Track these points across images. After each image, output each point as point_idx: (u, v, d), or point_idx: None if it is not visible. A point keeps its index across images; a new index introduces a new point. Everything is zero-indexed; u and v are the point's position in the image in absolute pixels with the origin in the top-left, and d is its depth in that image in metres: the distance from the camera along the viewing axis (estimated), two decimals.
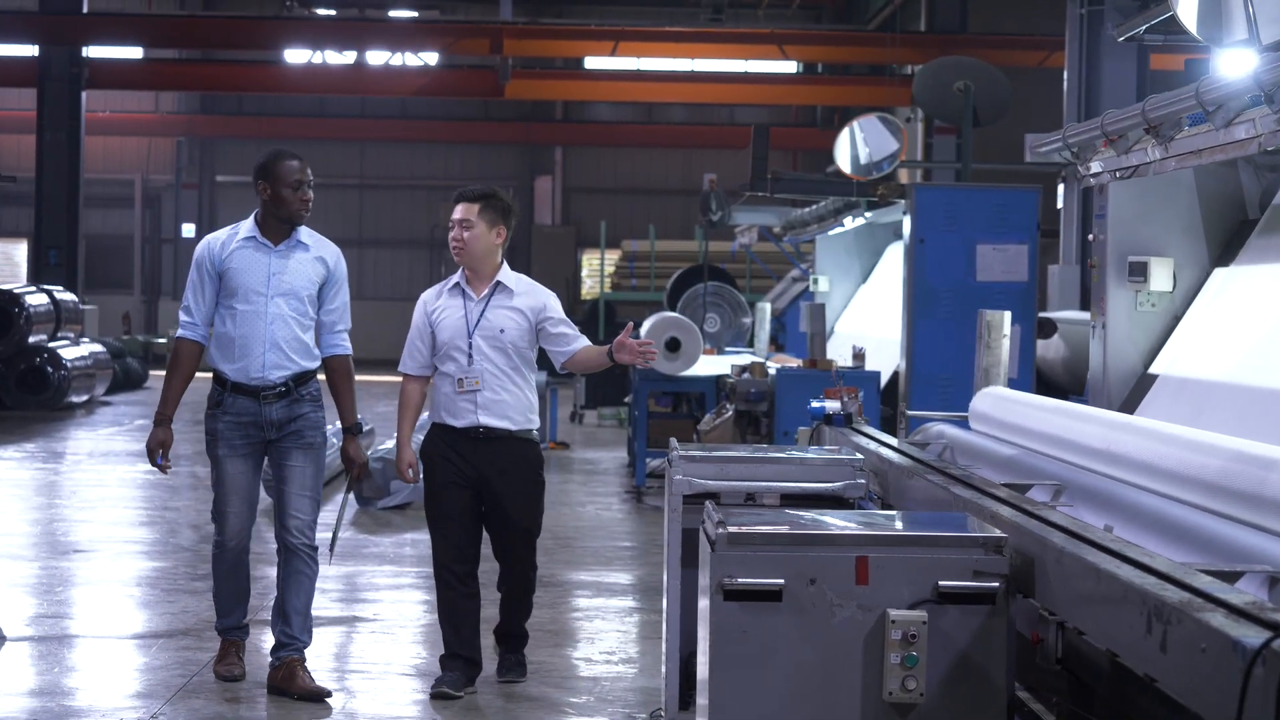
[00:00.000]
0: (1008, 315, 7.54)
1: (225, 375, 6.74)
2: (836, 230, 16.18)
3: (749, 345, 17.58)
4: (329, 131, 34.65)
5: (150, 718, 6.36)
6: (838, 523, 4.39)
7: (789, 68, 31.61)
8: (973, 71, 13.32)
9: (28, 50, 26.93)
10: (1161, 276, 6.85)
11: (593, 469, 15.66)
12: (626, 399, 16.80)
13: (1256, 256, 6.50)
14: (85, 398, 21.97)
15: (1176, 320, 6.91)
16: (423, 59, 31.92)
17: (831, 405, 7.28)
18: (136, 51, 29.84)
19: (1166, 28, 12.58)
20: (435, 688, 6.75)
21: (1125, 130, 6.34)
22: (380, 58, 31.52)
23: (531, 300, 6.93)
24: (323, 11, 34.06)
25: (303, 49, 30.78)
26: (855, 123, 14.94)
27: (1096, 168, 6.80)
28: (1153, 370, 6.86)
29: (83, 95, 26.36)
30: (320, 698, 6.62)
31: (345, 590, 9.14)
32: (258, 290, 6.71)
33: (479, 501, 6.86)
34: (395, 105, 35.43)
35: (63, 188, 25.87)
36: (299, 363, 6.74)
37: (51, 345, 21.34)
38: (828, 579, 4.11)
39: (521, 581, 6.98)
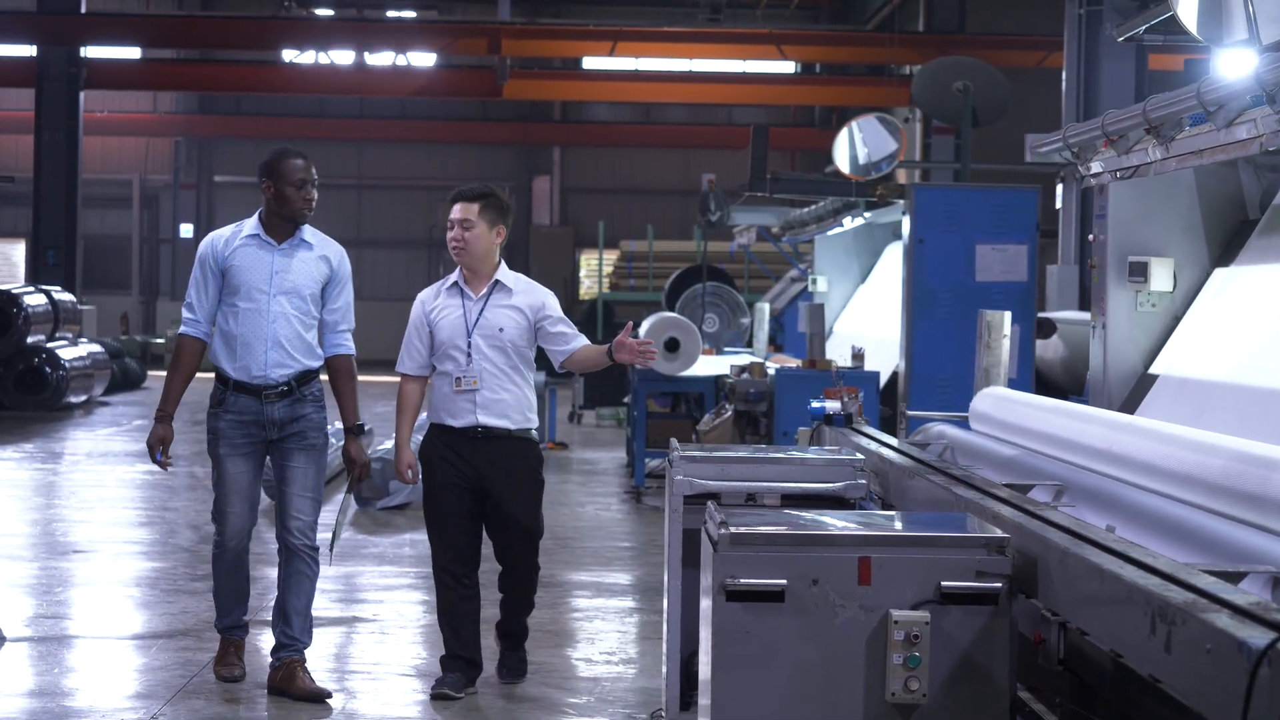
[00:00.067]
0: (1008, 315, 7.53)
1: (227, 374, 6.73)
2: (835, 230, 16.17)
3: (748, 345, 17.57)
4: (327, 132, 34.63)
5: (150, 718, 6.36)
6: (840, 523, 4.38)
7: (787, 68, 31.62)
8: (972, 72, 13.32)
9: (26, 50, 26.93)
10: (1162, 277, 6.84)
11: (591, 469, 15.66)
12: (625, 399, 16.80)
13: (1257, 257, 6.50)
14: (83, 398, 21.95)
15: (1177, 320, 6.90)
16: (421, 59, 31.90)
17: (832, 405, 7.26)
18: (134, 52, 29.85)
19: (1166, 28, 12.57)
20: (435, 689, 6.75)
21: (1126, 130, 6.33)
22: (379, 58, 31.49)
23: (530, 299, 6.92)
24: (321, 12, 34.04)
25: (301, 49, 30.78)
26: (854, 123, 14.94)
27: (1097, 168, 6.79)
28: (1153, 370, 6.85)
29: (81, 95, 26.37)
30: (320, 698, 6.61)
31: (344, 591, 9.14)
32: (260, 288, 6.70)
33: (478, 502, 6.84)
34: (393, 105, 35.43)
35: (61, 188, 25.87)
36: (301, 361, 6.73)
37: (50, 345, 21.33)
38: (830, 579, 4.10)
39: (524, 582, 6.97)
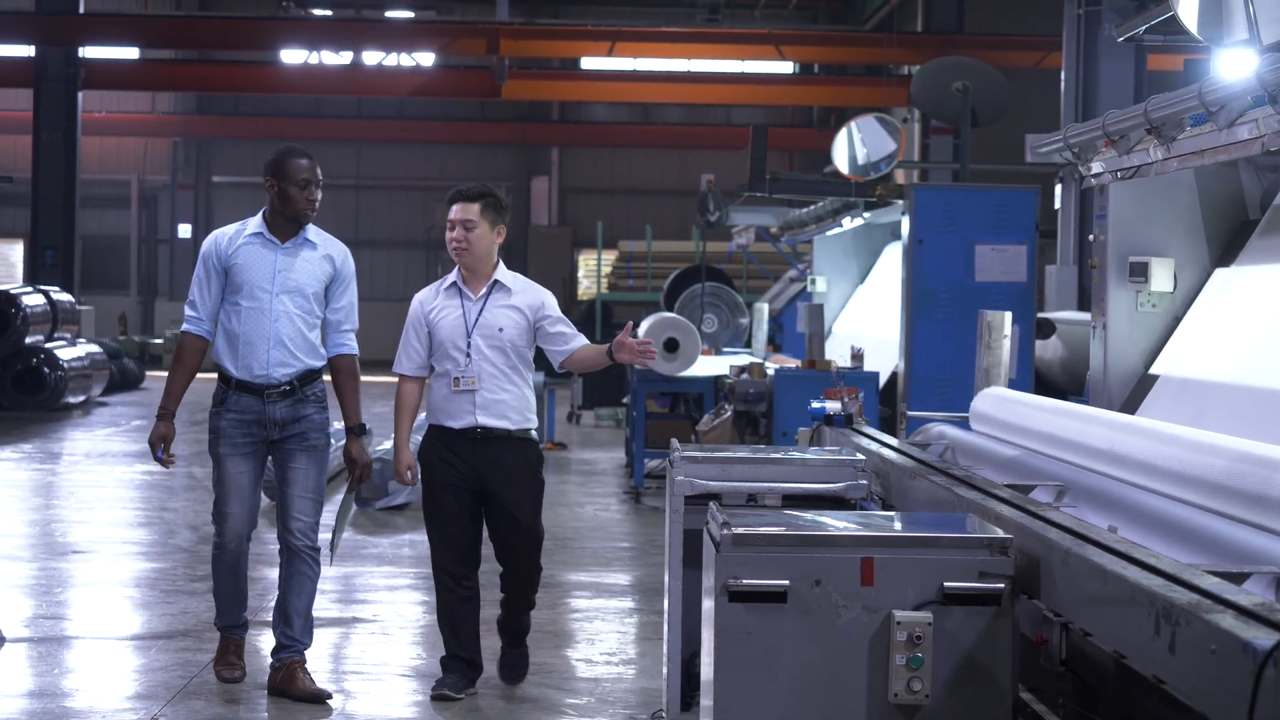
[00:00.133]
0: (1008, 315, 7.53)
1: (230, 373, 6.71)
2: (834, 231, 16.17)
3: (746, 346, 17.57)
4: (325, 132, 34.62)
5: (150, 719, 6.35)
6: (843, 524, 4.38)
7: (785, 68, 31.62)
8: (971, 72, 13.31)
9: (24, 50, 26.92)
10: (1162, 277, 6.84)
11: (590, 469, 15.65)
12: (624, 399, 16.79)
13: (1257, 257, 6.50)
14: (82, 398, 21.95)
15: (1177, 321, 6.90)
16: (419, 59, 31.89)
17: (832, 406, 7.26)
18: (132, 52, 29.85)
19: (1166, 28, 12.57)
20: (435, 689, 6.74)
21: (1127, 130, 6.33)
22: (377, 58, 31.50)
23: (529, 298, 6.91)
24: (319, 12, 34.05)
25: (299, 49, 30.77)
26: (853, 123, 14.94)
27: (1098, 168, 6.79)
28: (1153, 371, 6.85)
29: (79, 95, 26.35)
30: (320, 699, 6.60)
31: (344, 591, 9.13)
32: (263, 287, 6.68)
33: (478, 503, 6.83)
34: (392, 106, 35.43)
35: (59, 188, 25.86)
36: (304, 360, 6.72)
37: (48, 346, 21.32)
38: (833, 580, 4.10)
39: (525, 583, 6.93)
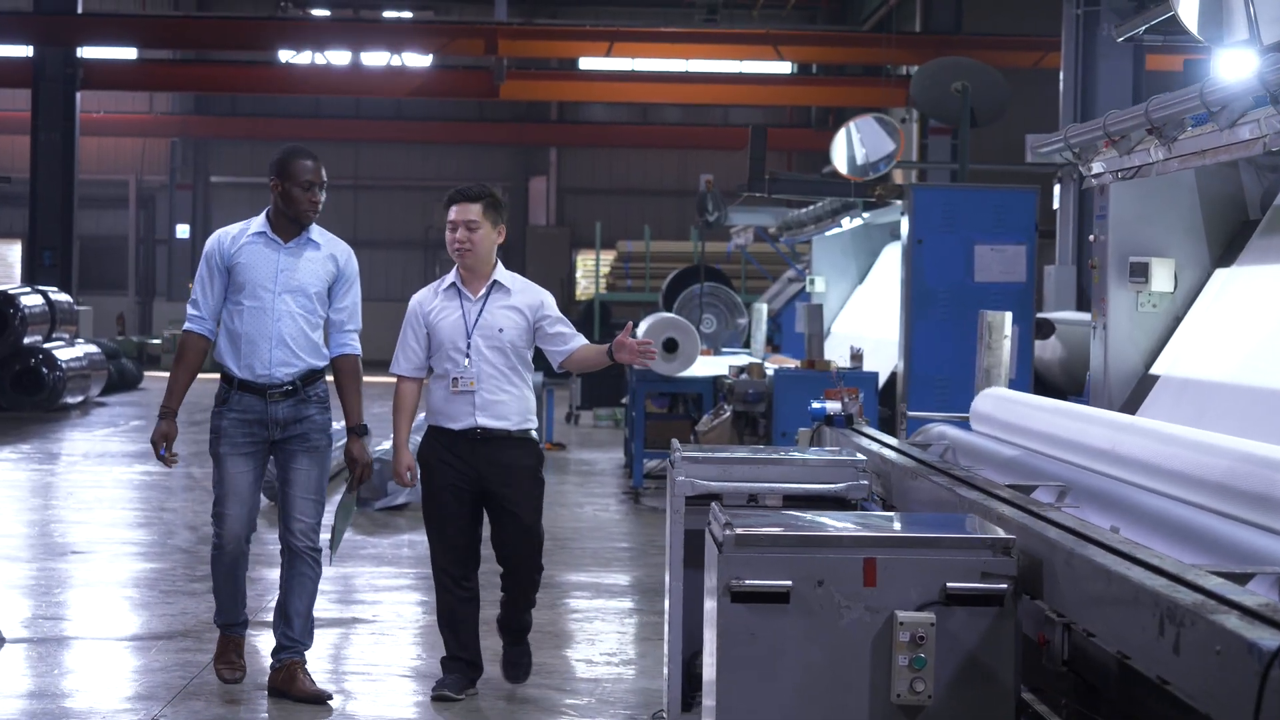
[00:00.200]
0: (1009, 316, 7.52)
1: (232, 372, 6.69)
2: (833, 231, 16.17)
3: (745, 346, 17.56)
4: (324, 132, 34.60)
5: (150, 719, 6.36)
6: (845, 524, 4.37)
7: (783, 68, 31.61)
8: (970, 72, 13.31)
9: (22, 51, 26.92)
10: (1163, 277, 6.84)
11: (589, 470, 15.65)
12: (623, 400, 16.79)
13: (1258, 257, 6.49)
14: (80, 399, 21.94)
15: (1178, 321, 6.89)
16: (417, 60, 31.89)
17: (832, 406, 7.25)
18: (131, 52, 29.85)
19: (1165, 28, 12.57)
20: (436, 690, 6.74)
21: (1127, 131, 6.32)
22: (375, 59, 31.49)
23: (529, 298, 6.90)
24: (317, 12, 34.03)
25: (297, 49, 30.76)
26: (852, 123, 14.94)
27: (1098, 168, 6.78)
28: (1154, 371, 6.85)
29: (77, 96, 26.35)
30: (321, 700, 6.60)
31: (343, 591, 9.12)
32: (265, 286, 6.67)
33: (478, 504, 6.82)
34: (390, 106, 35.42)
35: (57, 188, 25.86)
36: (306, 360, 6.70)
37: (46, 346, 21.31)
38: (835, 581, 4.09)
39: (526, 583, 6.91)
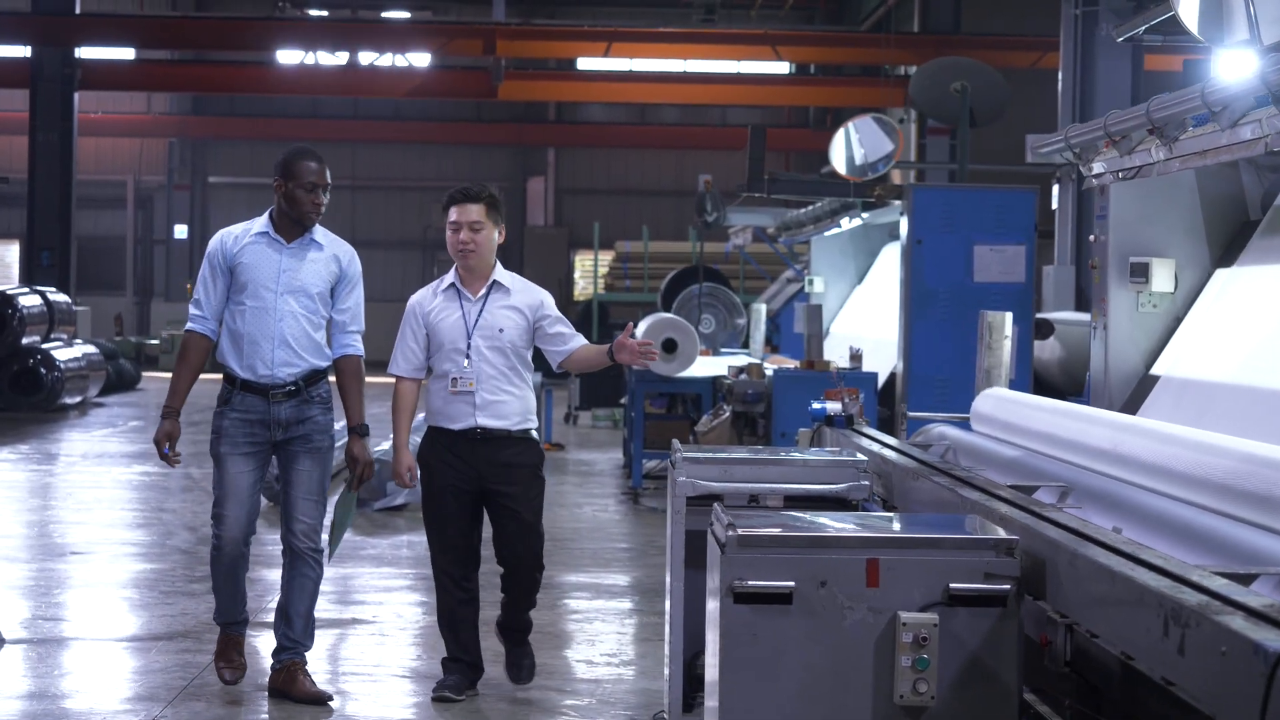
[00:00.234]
0: (1009, 316, 7.52)
1: (235, 373, 6.68)
2: (832, 231, 16.17)
3: (744, 346, 17.56)
4: (321, 133, 34.59)
5: None
6: (848, 525, 4.37)
7: (781, 69, 31.61)
8: (970, 72, 13.31)
9: (20, 51, 26.90)
10: (1163, 277, 6.84)
11: (588, 470, 15.64)
12: (622, 400, 16.78)
13: (1258, 258, 6.49)
14: (78, 399, 21.92)
15: (1178, 321, 6.89)
16: (415, 60, 31.88)
17: (833, 406, 7.24)
18: (129, 52, 29.83)
19: (1165, 28, 12.58)
20: (436, 691, 6.73)
21: (1128, 131, 6.32)
22: (373, 59, 31.49)
23: (529, 298, 6.90)
24: (315, 12, 34.07)
25: (295, 50, 30.76)
26: (851, 124, 14.95)
27: (1099, 168, 6.78)
28: (1154, 371, 6.84)
29: (75, 96, 26.34)
30: (322, 701, 6.59)
31: (342, 592, 9.11)
32: (267, 286, 6.66)
33: (478, 504, 6.81)
34: (388, 106, 35.42)
35: (55, 189, 25.85)
36: (309, 360, 6.69)
37: (45, 347, 21.29)
38: (838, 581, 4.08)
39: (527, 583, 6.88)
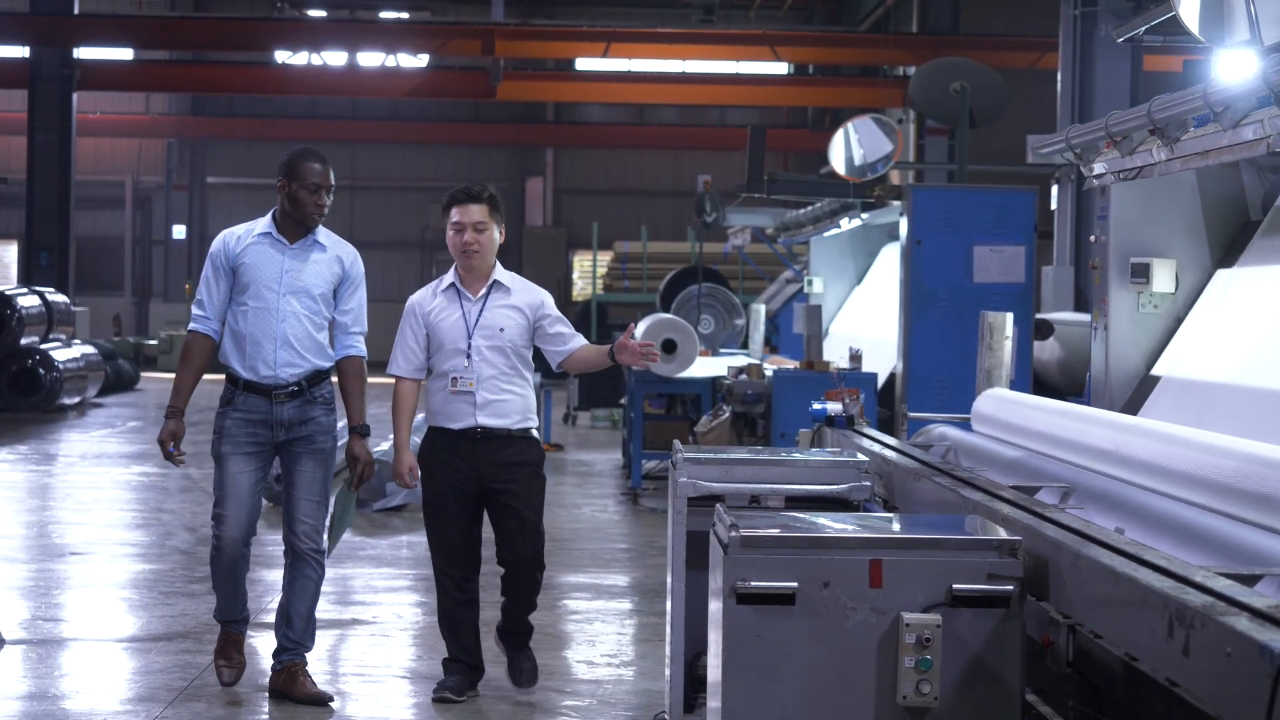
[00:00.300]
0: (1010, 316, 7.51)
1: (237, 373, 6.67)
2: (832, 232, 16.17)
3: (743, 347, 17.55)
4: (320, 133, 34.58)
5: None
6: (851, 526, 4.36)
7: (780, 69, 31.61)
8: (969, 73, 13.32)
9: (19, 51, 26.91)
10: (1164, 278, 6.83)
11: (587, 471, 15.64)
12: (621, 401, 16.78)
13: (1259, 258, 6.49)
14: (77, 399, 21.91)
15: (1179, 322, 6.89)
16: (414, 61, 31.88)
17: (833, 407, 7.23)
18: (127, 53, 29.84)
19: (1165, 28, 12.58)
20: (437, 692, 6.72)
21: (1130, 131, 6.31)
22: (371, 59, 31.48)
23: (529, 297, 6.89)
24: (314, 13, 34.05)
25: (294, 50, 30.76)
26: (850, 124, 14.95)
27: (1100, 169, 6.77)
28: (1155, 372, 6.84)
29: (74, 97, 26.33)
30: (322, 702, 6.58)
31: (342, 593, 9.11)
32: (270, 287, 6.65)
33: (479, 504, 6.81)
34: (386, 107, 35.41)
35: (54, 189, 25.85)
36: (312, 361, 6.68)
37: (43, 347, 21.28)
38: (841, 582, 4.08)
39: (527, 583, 6.87)
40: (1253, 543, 4.12)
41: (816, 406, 7.36)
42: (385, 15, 33.58)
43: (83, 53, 27.10)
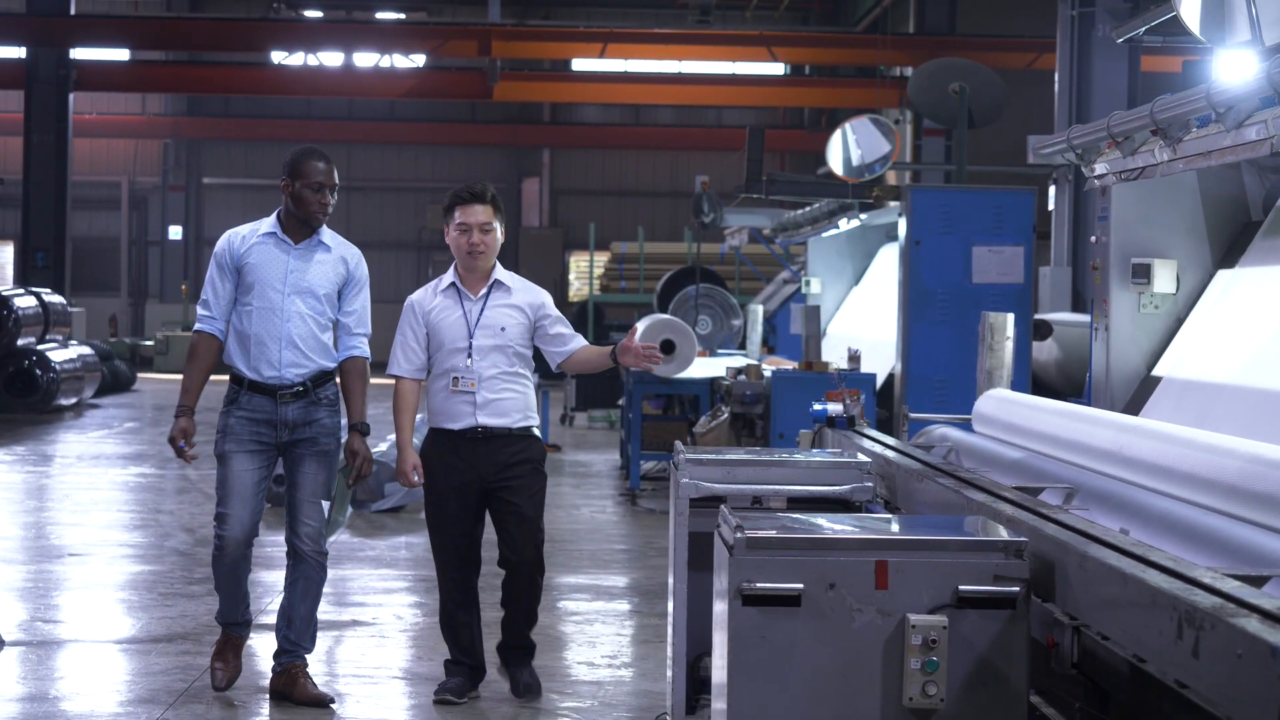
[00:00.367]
0: (1011, 317, 7.51)
1: (242, 374, 6.66)
2: (830, 232, 16.16)
3: (740, 347, 17.55)
4: (316, 133, 34.53)
5: None
6: (856, 527, 4.35)
7: (776, 69, 31.61)
8: (968, 73, 13.31)
9: (15, 52, 26.87)
10: (1165, 278, 6.83)
11: (585, 471, 15.63)
12: (619, 401, 16.77)
13: (1260, 259, 6.48)
14: (74, 400, 21.89)
15: (1180, 322, 6.88)
16: (410, 61, 31.86)
17: (834, 408, 7.22)
18: (123, 53, 29.80)
19: (1165, 29, 12.58)
20: (438, 694, 6.71)
21: (1132, 131, 6.31)
22: (368, 60, 31.46)
23: (529, 297, 6.88)
24: (310, 13, 34.02)
25: (290, 51, 30.73)
26: (847, 125, 14.94)
27: (1101, 169, 6.77)
28: (1156, 373, 6.83)
29: (70, 97, 26.31)
30: (323, 704, 6.57)
31: (340, 594, 9.09)
32: (274, 287, 6.64)
33: (481, 505, 6.80)
34: (383, 107, 35.39)
35: (50, 190, 25.82)
36: (316, 361, 6.67)
37: (40, 348, 21.25)
38: (847, 583, 4.06)
39: (529, 588, 6.83)
40: (1258, 543, 4.11)
41: (817, 407, 7.34)
42: (382, 16, 33.55)
43: (79, 53, 27.07)
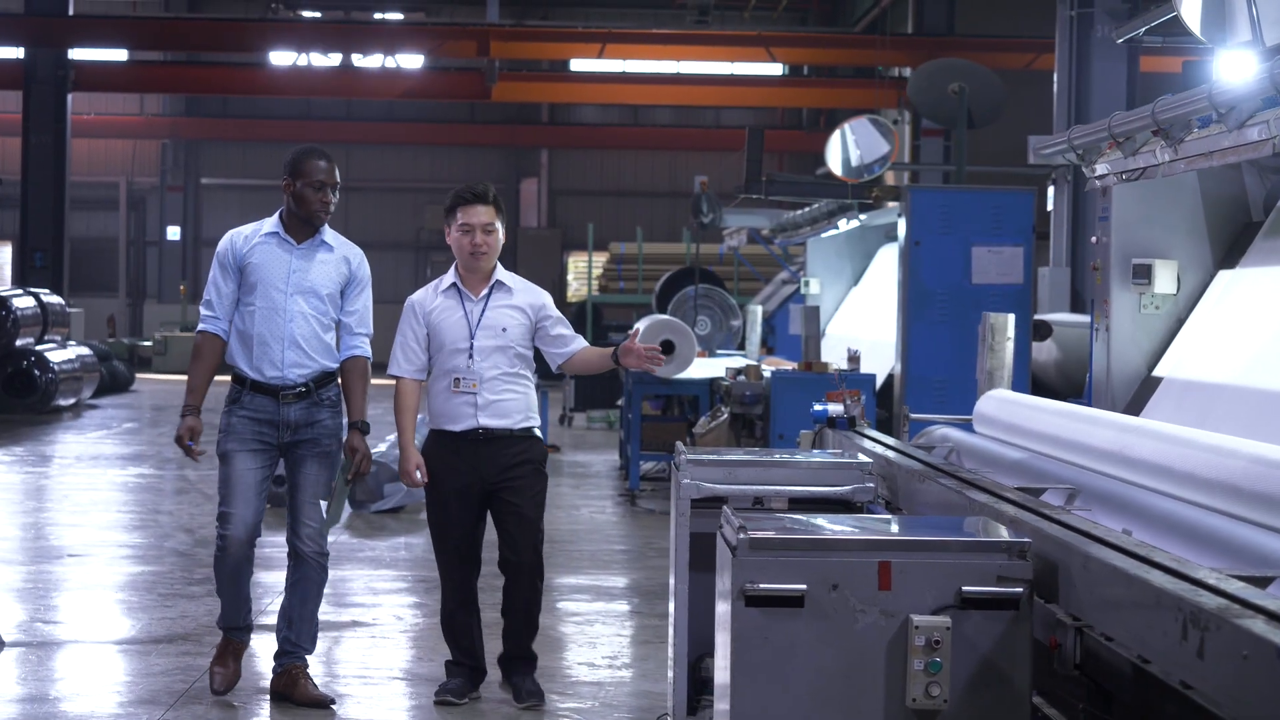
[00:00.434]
0: (1011, 318, 7.51)
1: (244, 374, 6.65)
2: (829, 233, 16.16)
3: (739, 348, 17.54)
4: (315, 134, 34.44)
5: None
6: (859, 528, 4.35)
7: (775, 70, 31.61)
8: (967, 74, 13.31)
9: (13, 53, 26.85)
10: (1165, 279, 6.83)
11: (584, 472, 15.62)
12: (618, 402, 16.76)
13: (1261, 259, 6.48)
14: (72, 401, 21.88)
15: (1180, 323, 6.88)
16: (409, 61, 31.85)
17: (834, 408, 7.22)
18: (122, 54, 29.78)
19: (1164, 29, 12.58)
20: (439, 695, 6.71)
21: (1133, 132, 6.31)
22: (366, 60, 31.44)
23: (530, 298, 6.88)
24: (308, 14, 34.01)
25: (288, 51, 30.72)
26: (846, 125, 14.93)
27: (1102, 169, 6.77)
28: (1157, 373, 6.83)
29: (68, 98, 26.29)
30: (324, 705, 6.56)
31: (340, 595, 9.08)
32: (277, 287, 6.63)
33: (483, 506, 6.79)
34: (381, 108, 35.37)
35: (48, 190, 25.80)
36: (319, 361, 6.66)
37: (38, 348, 21.23)
38: (850, 584, 4.06)
39: (529, 594, 6.79)
40: (1261, 544, 4.11)
41: (818, 408, 7.34)
42: (380, 16, 33.54)
43: (77, 54, 27.05)
